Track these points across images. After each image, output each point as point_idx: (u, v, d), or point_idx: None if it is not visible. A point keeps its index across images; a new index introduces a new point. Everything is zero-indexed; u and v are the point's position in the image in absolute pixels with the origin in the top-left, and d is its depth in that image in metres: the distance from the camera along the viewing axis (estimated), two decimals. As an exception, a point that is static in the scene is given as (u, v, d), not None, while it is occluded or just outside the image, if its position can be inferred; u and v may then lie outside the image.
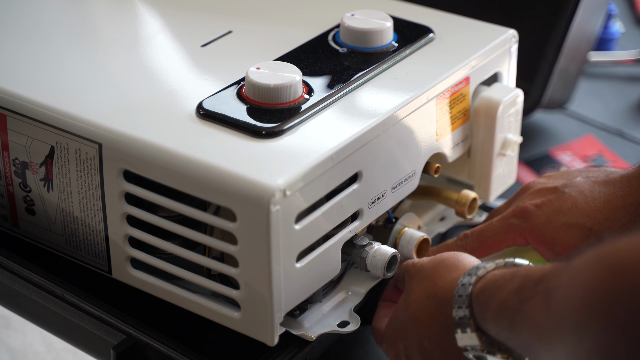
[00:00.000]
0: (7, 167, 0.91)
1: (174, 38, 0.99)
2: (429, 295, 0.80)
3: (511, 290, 0.70)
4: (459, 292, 0.76)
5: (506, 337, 0.72)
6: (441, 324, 0.78)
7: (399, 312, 0.83)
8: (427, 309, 0.80)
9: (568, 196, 0.88)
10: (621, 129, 1.32)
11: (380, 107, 0.86)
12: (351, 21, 0.94)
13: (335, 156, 0.81)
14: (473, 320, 0.75)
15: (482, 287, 0.75)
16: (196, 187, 0.80)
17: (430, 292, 0.80)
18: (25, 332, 1.92)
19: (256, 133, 0.83)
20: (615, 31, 1.45)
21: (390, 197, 0.88)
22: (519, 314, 0.69)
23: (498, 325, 0.72)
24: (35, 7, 1.03)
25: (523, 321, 0.69)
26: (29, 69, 0.93)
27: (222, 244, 0.81)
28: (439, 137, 0.92)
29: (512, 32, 0.99)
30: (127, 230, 0.85)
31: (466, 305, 0.75)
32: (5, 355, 1.88)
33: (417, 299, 0.81)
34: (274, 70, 0.87)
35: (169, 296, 0.86)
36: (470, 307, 0.75)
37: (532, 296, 0.67)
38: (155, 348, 0.86)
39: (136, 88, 0.90)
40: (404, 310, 0.82)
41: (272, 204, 0.77)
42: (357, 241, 0.88)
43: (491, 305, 0.73)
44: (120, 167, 0.83)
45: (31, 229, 0.93)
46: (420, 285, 0.82)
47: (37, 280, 0.91)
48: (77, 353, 1.85)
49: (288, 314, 0.84)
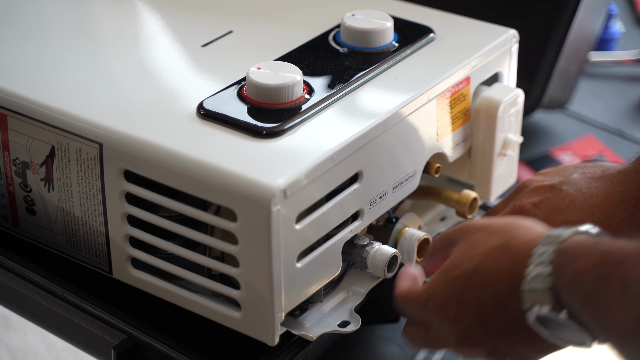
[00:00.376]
0: (8, 167, 0.91)
1: (175, 38, 0.99)
2: (503, 249, 0.75)
3: (589, 264, 0.67)
4: (539, 250, 0.72)
5: (579, 310, 0.69)
6: (509, 280, 0.74)
7: (458, 263, 0.78)
8: (497, 262, 0.75)
9: (565, 194, 0.88)
10: (621, 129, 1.32)
11: (380, 107, 0.86)
12: (352, 21, 0.94)
13: (335, 156, 0.81)
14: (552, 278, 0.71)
15: (561, 250, 0.71)
16: (197, 187, 0.80)
17: (505, 247, 0.75)
18: (25, 332, 1.92)
19: (257, 133, 0.83)
20: (616, 31, 1.45)
21: (390, 197, 0.88)
22: (594, 297, 0.66)
23: (571, 296, 0.69)
24: (35, 7, 1.03)
25: (597, 306, 0.66)
26: (29, 69, 0.93)
27: (222, 243, 0.81)
28: (439, 137, 0.92)
29: (512, 32, 0.99)
30: (127, 230, 0.85)
31: (548, 262, 0.71)
32: (5, 355, 1.88)
33: (486, 251, 0.76)
34: (275, 70, 0.87)
35: (170, 296, 0.86)
36: (552, 265, 0.71)
37: (609, 279, 0.65)
38: (156, 348, 0.86)
39: (137, 88, 0.90)
40: (467, 262, 0.77)
41: (273, 204, 0.77)
42: (358, 241, 0.88)
43: (566, 274, 0.69)
44: (121, 167, 0.83)
45: (32, 228, 0.93)
46: (490, 239, 0.77)
47: (38, 280, 0.91)
48: (77, 353, 1.85)
49: (288, 314, 0.84)
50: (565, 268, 0.70)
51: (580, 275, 0.68)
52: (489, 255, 0.76)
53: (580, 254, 0.69)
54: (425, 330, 0.80)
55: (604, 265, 0.67)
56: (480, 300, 0.76)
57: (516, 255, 0.74)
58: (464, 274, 0.77)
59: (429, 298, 0.78)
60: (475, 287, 0.76)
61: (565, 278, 0.69)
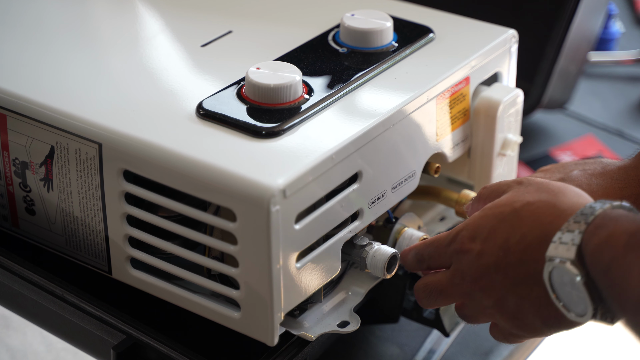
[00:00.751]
0: (7, 167, 0.91)
1: (174, 38, 0.99)
2: (548, 205, 0.76)
3: (623, 229, 0.68)
4: (582, 211, 0.72)
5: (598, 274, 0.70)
6: (542, 230, 0.75)
7: (500, 204, 0.79)
8: (538, 213, 0.76)
9: None
10: (621, 129, 1.32)
11: (380, 107, 0.86)
12: (351, 21, 0.94)
13: (335, 156, 0.81)
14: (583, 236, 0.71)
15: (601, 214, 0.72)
16: (196, 187, 0.80)
17: (550, 203, 0.76)
18: (25, 332, 1.92)
19: (256, 133, 0.83)
20: (615, 31, 1.45)
21: (390, 197, 0.88)
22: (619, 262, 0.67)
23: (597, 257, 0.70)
24: (35, 7, 1.03)
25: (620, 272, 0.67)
26: (29, 69, 0.93)
27: (222, 244, 0.81)
28: (439, 137, 0.92)
29: (512, 32, 0.99)
30: (127, 230, 0.85)
31: (585, 222, 0.71)
32: (5, 355, 1.88)
33: (531, 201, 0.77)
34: (274, 70, 0.87)
35: (169, 296, 0.86)
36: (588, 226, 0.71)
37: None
38: (155, 348, 0.86)
39: (136, 88, 0.90)
40: (509, 204, 0.78)
41: (272, 204, 0.77)
42: (357, 241, 0.88)
43: (600, 234, 0.70)
44: (120, 167, 0.83)
45: (31, 229, 0.93)
46: (539, 194, 0.78)
47: (37, 280, 0.91)
48: (77, 353, 1.85)
49: (288, 314, 0.84)
50: (600, 230, 0.70)
51: (612, 238, 0.68)
52: (532, 205, 0.77)
53: (617, 220, 0.70)
54: (439, 278, 0.81)
55: (637, 234, 0.67)
56: (508, 242, 0.76)
57: (559, 211, 0.75)
58: (502, 213, 0.78)
59: (460, 230, 0.80)
60: (507, 227, 0.77)
61: (596, 239, 0.70)
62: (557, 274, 0.72)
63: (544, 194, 0.78)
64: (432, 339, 0.99)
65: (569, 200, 0.76)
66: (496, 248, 0.77)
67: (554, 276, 0.73)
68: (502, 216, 0.78)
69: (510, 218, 0.77)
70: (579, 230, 0.71)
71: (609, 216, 0.71)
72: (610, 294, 0.70)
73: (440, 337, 0.99)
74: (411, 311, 0.97)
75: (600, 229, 0.70)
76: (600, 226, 0.71)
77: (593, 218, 0.71)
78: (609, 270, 0.69)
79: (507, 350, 0.99)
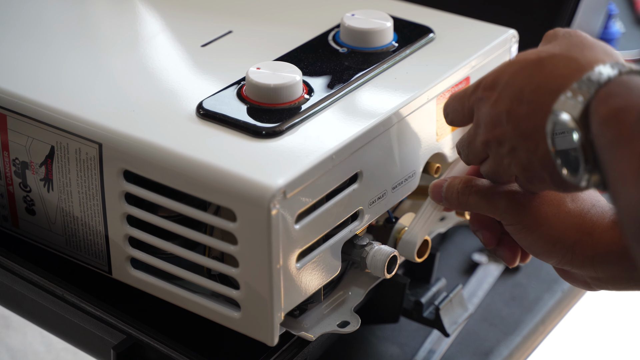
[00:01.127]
0: (7, 167, 0.91)
1: (174, 38, 0.99)
2: (572, 59, 0.74)
3: (634, 105, 0.66)
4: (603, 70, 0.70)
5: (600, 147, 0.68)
6: (557, 82, 0.73)
7: (527, 53, 0.78)
8: (559, 65, 0.74)
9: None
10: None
11: (380, 107, 0.86)
12: (351, 21, 0.94)
13: (335, 156, 0.81)
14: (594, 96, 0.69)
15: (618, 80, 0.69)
16: (196, 187, 0.80)
17: (574, 58, 0.74)
18: (25, 332, 1.92)
19: (256, 133, 0.83)
20: (615, 31, 1.45)
21: (390, 197, 0.88)
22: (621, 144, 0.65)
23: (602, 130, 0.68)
24: (35, 7, 1.03)
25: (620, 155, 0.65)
26: (29, 69, 0.93)
27: (222, 244, 0.81)
28: (439, 137, 0.92)
29: (512, 32, 0.99)
30: (127, 230, 0.85)
31: (598, 83, 0.69)
32: (5, 355, 1.88)
33: (556, 53, 0.76)
34: (274, 70, 0.87)
35: (169, 296, 0.86)
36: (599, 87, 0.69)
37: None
38: (155, 348, 0.86)
39: (136, 88, 0.90)
40: (534, 54, 0.77)
41: (272, 204, 0.77)
42: (357, 241, 0.88)
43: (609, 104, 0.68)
44: (121, 167, 0.83)
45: (31, 229, 0.93)
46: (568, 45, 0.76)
47: (37, 280, 0.91)
48: (77, 353, 1.85)
49: (288, 314, 0.84)
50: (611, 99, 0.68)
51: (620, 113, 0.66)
52: (556, 57, 0.75)
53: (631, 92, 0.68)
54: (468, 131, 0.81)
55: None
56: (522, 92, 0.75)
57: (578, 66, 0.73)
58: (526, 61, 0.76)
59: (484, 79, 0.79)
60: (526, 76, 0.75)
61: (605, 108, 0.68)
62: (559, 128, 0.71)
63: (574, 47, 0.76)
64: (432, 339, 0.99)
65: (593, 55, 0.74)
66: (510, 97, 0.76)
67: (556, 130, 0.71)
68: (525, 64, 0.76)
69: (531, 66, 0.76)
70: (590, 90, 0.70)
71: (624, 84, 0.69)
72: (606, 171, 0.68)
73: (440, 337, 0.99)
74: (411, 311, 0.97)
75: (612, 98, 0.68)
76: (612, 94, 0.68)
77: (606, 80, 0.69)
78: (610, 148, 0.67)
79: (507, 350, 0.99)
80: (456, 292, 0.97)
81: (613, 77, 0.70)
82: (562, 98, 0.71)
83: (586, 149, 0.70)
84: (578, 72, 0.72)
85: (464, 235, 1.11)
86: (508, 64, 0.78)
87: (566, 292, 1.06)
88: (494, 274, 1.07)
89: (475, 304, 1.03)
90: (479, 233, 0.87)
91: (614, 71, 0.70)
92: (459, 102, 0.82)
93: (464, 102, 0.81)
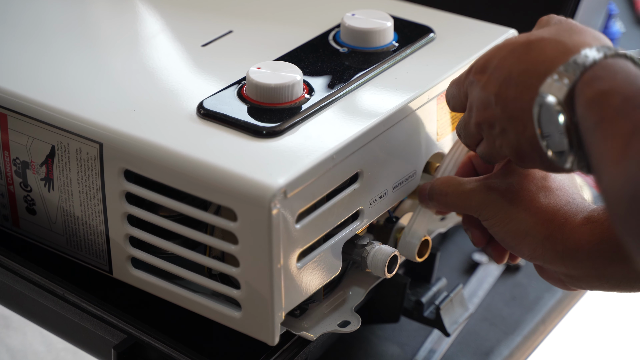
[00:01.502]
0: (8, 166, 0.91)
1: (175, 38, 0.99)
2: (560, 44, 0.75)
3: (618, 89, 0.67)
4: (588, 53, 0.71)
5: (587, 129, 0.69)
6: (544, 66, 0.74)
7: (517, 37, 0.79)
8: (547, 48, 0.75)
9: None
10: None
11: (380, 107, 0.86)
12: (352, 21, 0.94)
13: (335, 156, 0.81)
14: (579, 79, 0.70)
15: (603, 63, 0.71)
16: (197, 186, 0.80)
17: (563, 42, 0.75)
18: (25, 332, 1.92)
19: (257, 133, 0.83)
20: (615, 31, 1.45)
21: (390, 196, 0.88)
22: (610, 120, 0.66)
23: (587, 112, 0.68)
24: (35, 7, 1.03)
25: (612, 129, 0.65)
26: (29, 69, 0.93)
27: (222, 243, 0.81)
28: (439, 137, 0.92)
29: (512, 32, 0.99)
30: (127, 229, 0.85)
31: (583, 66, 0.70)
32: (5, 355, 1.88)
33: (545, 37, 0.76)
34: (275, 70, 0.87)
35: (170, 296, 0.86)
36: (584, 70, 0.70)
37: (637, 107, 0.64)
38: (156, 348, 0.86)
39: (137, 88, 0.90)
40: (524, 37, 0.78)
41: (273, 203, 0.77)
42: (358, 241, 0.88)
43: (594, 86, 0.69)
44: (121, 166, 0.83)
45: (32, 228, 0.93)
46: (557, 30, 0.78)
47: (38, 280, 0.91)
48: (78, 353, 1.85)
49: (289, 314, 0.84)
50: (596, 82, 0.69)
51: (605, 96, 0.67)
52: (544, 41, 0.76)
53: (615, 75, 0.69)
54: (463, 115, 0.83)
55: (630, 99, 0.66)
56: (510, 75, 0.76)
57: (565, 49, 0.74)
58: (514, 44, 0.78)
59: (476, 63, 0.80)
60: (515, 59, 0.77)
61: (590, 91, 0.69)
62: (545, 110, 0.72)
63: (563, 32, 0.77)
64: (432, 338, 0.99)
65: (581, 39, 0.75)
66: (499, 80, 0.77)
67: (542, 112, 0.73)
68: (514, 47, 0.78)
69: (520, 50, 0.77)
70: (575, 73, 0.70)
71: (609, 67, 0.70)
72: (590, 154, 0.69)
73: (441, 336, 0.99)
74: (411, 311, 0.97)
75: (597, 81, 0.69)
76: (597, 77, 0.69)
77: (592, 63, 0.70)
78: (594, 130, 0.67)
79: (507, 350, 0.99)
80: (457, 292, 0.97)
81: (599, 60, 0.71)
82: (548, 80, 0.72)
83: (570, 132, 0.71)
84: (565, 55, 0.73)
85: (464, 235, 1.11)
86: (498, 47, 0.79)
87: (566, 292, 1.06)
88: (494, 274, 1.07)
89: (475, 304, 1.03)
90: (469, 231, 0.89)
91: (600, 54, 0.71)
92: (456, 87, 0.84)
93: (460, 87, 0.83)
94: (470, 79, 0.81)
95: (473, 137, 0.82)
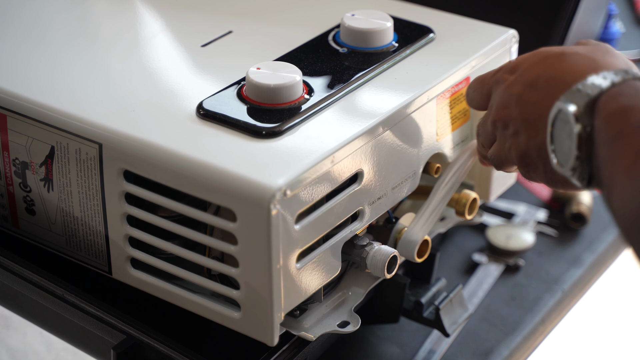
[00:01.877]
0: (7, 167, 0.91)
1: (174, 38, 0.99)
2: (591, 58, 0.77)
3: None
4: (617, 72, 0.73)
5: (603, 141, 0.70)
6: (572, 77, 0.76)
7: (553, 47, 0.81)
8: (579, 60, 0.77)
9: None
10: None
11: (380, 107, 0.86)
12: (351, 21, 0.94)
13: (335, 156, 0.81)
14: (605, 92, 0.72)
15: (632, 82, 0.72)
16: (196, 187, 0.80)
17: (593, 56, 0.78)
18: (25, 332, 1.92)
19: (256, 133, 0.83)
20: (615, 31, 1.45)
21: (390, 197, 0.88)
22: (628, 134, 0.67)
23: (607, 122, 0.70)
24: (35, 7, 1.03)
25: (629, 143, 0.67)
26: (29, 69, 0.93)
27: (222, 244, 0.81)
28: (439, 137, 0.92)
29: (512, 32, 0.99)
30: (127, 230, 0.85)
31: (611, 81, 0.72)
32: (5, 355, 1.88)
33: (581, 51, 0.79)
34: (274, 70, 0.87)
35: (169, 296, 0.86)
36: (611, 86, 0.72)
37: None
38: (155, 348, 0.86)
39: (136, 88, 0.90)
40: (559, 48, 0.80)
41: (273, 204, 0.77)
42: (357, 241, 0.88)
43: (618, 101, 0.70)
44: (121, 167, 0.83)
45: (31, 229, 0.93)
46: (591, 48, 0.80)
47: (37, 280, 0.91)
48: (77, 353, 1.85)
49: (288, 314, 0.84)
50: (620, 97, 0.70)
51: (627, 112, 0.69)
52: (578, 55, 0.78)
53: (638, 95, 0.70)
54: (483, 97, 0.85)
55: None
56: (537, 80, 0.78)
57: (595, 65, 0.76)
58: (548, 52, 0.80)
59: (507, 63, 0.83)
60: (545, 66, 0.79)
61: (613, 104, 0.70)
62: (562, 116, 0.74)
63: (598, 52, 0.79)
64: (432, 339, 0.99)
65: (614, 61, 0.78)
66: (525, 83, 0.79)
67: (558, 117, 0.74)
68: (547, 54, 0.80)
69: (552, 58, 0.79)
70: (602, 85, 0.72)
71: (636, 87, 0.72)
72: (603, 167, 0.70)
73: (441, 337, 0.99)
74: (411, 311, 0.97)
75: (621, 97, 0.71)
76: (622, 94, 0.71)
77: (620, 81, 0.72)
78: (610, 143, 0.69)
79: (507, 350, 0.99)
80: (456, 292, 0.97)
81: (627, 79, 0.72)
82: (573, 89, 0.74)
83: (582, 141, 0.72)
84: (595, 70, 0.75)
85: (464, 235, 1.11)
86: (532, 53, 0.82)
87: (566, 292, 1.06)
88: (494, 274, 1.07)
89: (475, 304, 1.03)
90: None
91: (629, 75, 0.73)
92: (480, 82, 0.87)
93: (484, 83, 0.86)
94: (498, 77, 0.83)
95: (488, 136, 0.84)
